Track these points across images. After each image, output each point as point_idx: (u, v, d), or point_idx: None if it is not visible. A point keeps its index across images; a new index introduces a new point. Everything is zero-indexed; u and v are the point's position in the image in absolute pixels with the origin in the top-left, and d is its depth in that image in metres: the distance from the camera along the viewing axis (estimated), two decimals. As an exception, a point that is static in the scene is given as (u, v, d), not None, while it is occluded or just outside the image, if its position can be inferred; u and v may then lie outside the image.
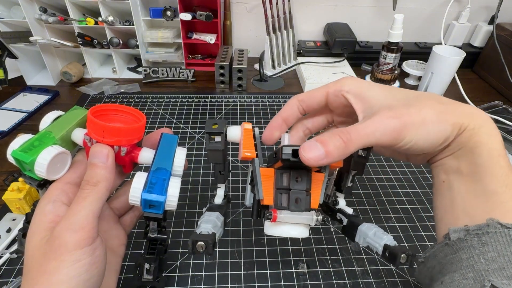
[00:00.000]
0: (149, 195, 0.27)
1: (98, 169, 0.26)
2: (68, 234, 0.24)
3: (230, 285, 0.38)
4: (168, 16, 0.74)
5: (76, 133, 0.29)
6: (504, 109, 0.70)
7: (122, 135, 0.28)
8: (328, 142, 0.24)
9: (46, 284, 0.23)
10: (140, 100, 0.71)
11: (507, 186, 0.25)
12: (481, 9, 0.90)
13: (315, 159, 0.23)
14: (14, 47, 0.68)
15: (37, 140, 0.27)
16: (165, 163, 0.29)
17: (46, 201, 0.26)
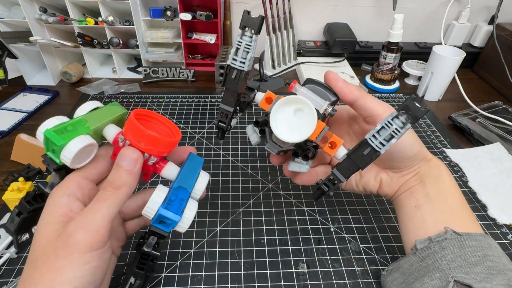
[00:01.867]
0: (166, 211, 0.27)
1: (124, 173, 0.26)
2: (82, 234, 0.23)
3: (230, 285, 0.38)
4: (168, 16, 0.74)
5: (109, 129, 0.29)
6: (504, 109, 0.70)
7: (158, 146, 0.27)
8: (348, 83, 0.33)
9: (51, 280, 0.23)
10: (140, 100, 0.71)
11: (464, 205, 0.34)
12: (481, 9, 0.90)
13: (332, 76, 0.33)
14: (14, 47, 0.68)
15: (72, 125, 0.26)
16: (187, 183, 0.29)
17: (61, 192, 0.26)
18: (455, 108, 0.71)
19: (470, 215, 0.34)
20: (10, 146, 0.53)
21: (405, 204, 0.36)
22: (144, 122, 0.30)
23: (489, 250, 0.31)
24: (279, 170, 0.53)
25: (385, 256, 0.41)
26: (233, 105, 0.33)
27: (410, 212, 0.35)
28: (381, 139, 0.28)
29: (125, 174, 0.26)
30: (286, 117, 0.31)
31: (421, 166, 0.35)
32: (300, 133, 0.29)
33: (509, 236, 0.45)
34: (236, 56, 0.30)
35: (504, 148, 0.57)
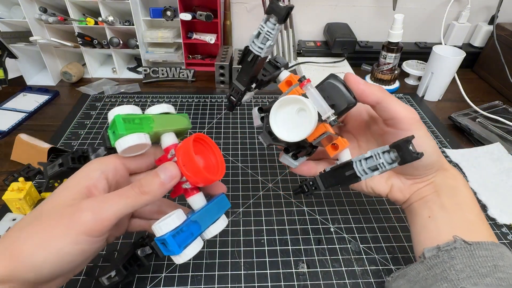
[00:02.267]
0: (171, 240, 0.27)
1: (157, 183, 0.26)
2: (89, 217, 0.24)
3: (230, 285, 0.38)
4: (168, 16, 0.74)
5: (167, 137, 0.30)
6: (504, 109, 0.70)
7: (197, 177, 0.28)
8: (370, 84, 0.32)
9: (41, 241, 0.23)
10: (140, 100, 0.71)
11: (481, 219, 0.33)
12: (481, 9, 0.90)
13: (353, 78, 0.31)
14: (14, 47, 0.68)
15: (140, 119, 0.28)
16: (204, 222, 0.30)
17: (97, 166, 0.27)
18: (455, 108, 0.71)
19: (487, 228, 0.32)
20: (10, 146, 0.53)
21: (418, 213, 0.35)
22: (198, 146, 0.31)
23: (500, 260, 0.29)
24: (279, 170, 0.53)
25: (385, 256, 0.41)
26: (245, 85, 0.33)
27: (423, 222, 0.34)
28: (365, 167, 0.28)
29: (157, 185, 0.26)
30: (287, 114, 0.30)
31: (437, 175, 0.34)
32: (296, 133, 0.29)
33: (509, 236, 0.45)
34: (256, 40, 0.30)
35: (504, 148, 0.57)
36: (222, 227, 0.31)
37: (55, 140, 0.58)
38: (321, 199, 0.49)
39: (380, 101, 0.31)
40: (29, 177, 0.49)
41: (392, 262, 0.41)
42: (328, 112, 0.29)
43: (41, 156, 0.51)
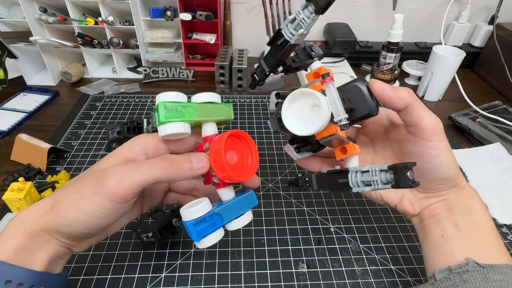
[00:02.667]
0: (192, 228, 0.28)
1: (187, 166, 0.28)
2: (114, 182, 0.25)
3: (230, 285, 0.38)
4: (168, 16, 0.74)
5: (208, 127, 0.31)
6: (504, 109, 0.70)
7: (223, 175, 0.28)
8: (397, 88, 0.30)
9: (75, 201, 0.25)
10: (140, 100, 0.71)
11: (498, 242, 0.31)
12: (481, 9, 0.90)
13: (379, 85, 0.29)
14: (14, 47, 0.68)
15: (183, 107, 0.28)
16: (228, 216, 0.30)
17: (141, 141, 0.28)
18: (455, 108, 0.71)
19: (505, 253, 0.30)
20: (10, 146, 0.53)
21: (430, 231, 0.33)
22: (236, 142, 0.31)
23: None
24: (279, 170, 0.53)
25: (385, 256, 0.41)
26: (270, 67, 0.32)
27: (436, 242, 0.32)
28: (359, 180, 0.28)
29: (187, 168, 0.28)
30: (301, 107, 0.29)
31: (451, 192, 0.33)
32: (304, 128, 0.29)
33: (509, 236, 0.45)
34: (290, 25, 0.29)
35: (504, 148, 0.57)
36: (245, 222, 0.32)
37: (55, 140, 0.58)
38: (321, 199, 0.49)
39: (407, 106, 0.30)
40: (29, 177, 0.49)
41: (392, 262, 0.41)
42: (341, 116, 0.27)
43: (41, 156, 0.51)
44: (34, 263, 0.25)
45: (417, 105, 0.29)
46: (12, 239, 0.25)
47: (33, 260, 0.25)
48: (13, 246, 0.24)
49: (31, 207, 0.26)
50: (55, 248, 0.26)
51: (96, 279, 0.38)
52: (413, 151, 0.31)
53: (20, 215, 0.26)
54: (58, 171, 0.51)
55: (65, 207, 0.25)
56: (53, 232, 0.26)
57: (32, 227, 0.25)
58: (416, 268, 0.40)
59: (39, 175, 0.51)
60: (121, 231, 0.43)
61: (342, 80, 0.77)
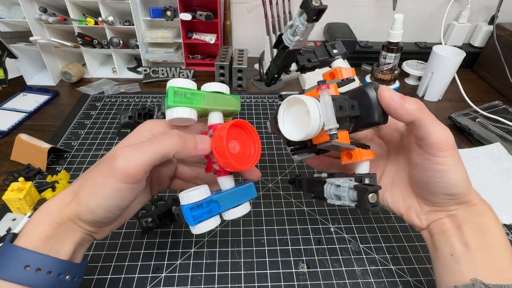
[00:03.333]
0: (188, 212, 0.28)
1: (192, 145, 0.28)
2: (122, 163, 0.25)
3: (230, 285, 0.38)
4: (168, 16, 0.74)
5: (214, 116, 0.32)
6: (504, 109, 0.70)
7: (224, 162, 0.29)
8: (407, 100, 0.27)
9: (93, 188, 0.26)
10: (140, 100, 0.71)
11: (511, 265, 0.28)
12: (481, 9, 0.90)
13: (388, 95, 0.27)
14: (14, 47, 0.68)
15: (191, 94, 0.29)
16: (225, 204, 0.31)
17: (148, 128, 0.30)
18: (455, 108, 0.71)
19: None
20: (10, 146, 0.53)
21: (439, 249, 0.31)
22: (239, 131, 0.32)
23: None
24: (279, 170, 0.53)
25: (385, 256, 0.41)
26: (277, 69, 0.33)
27: (445, 261, 0.31)
28: (332, 193, 0.29)
29: (192, 147, 0.28)
30: (297, 111, 0.29)
31: (460, 209, 0.30)
32: (294, 132, 0.29)
33: (509, 236, 0.45)
34: (289, 30, 0.29)
35: (504, 148, 0.57)
36: (242, 213, 0.32)
37: (55, 140, 0.58)
38: (321, 199, 0.49)
39: (415, 120, 0.28)
40: (29, 177, 0.49)
41: (392, 262, 0.41)
42: (331, 125, 0.26)
43: (41, 156, 0.51)
44: (61, 251, 0.26)
45: (426, 120, 0.28)
46: (39, 228, 0.25)
47: (60, 249, 0.26)
48: (41, 236, 0.25)
49: (55, 197, 0.28)
50: (79, 236, 0.27)
51: (96, 279, 0.38)
52: (419, 163, 0.30)
53: (46, 205, 0.27)
54: (58, 171, 0.51)
55: (85, 195, 0.26)
56: (77, 220, 0.27)
57: (58, 216, 0.26)
58: (416, 268, 0.40)
59: (39, 175, 0.51)
60: (121, 231, 0.43)
61: (342, 80, 0.77)
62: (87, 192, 0.26)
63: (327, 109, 0.26)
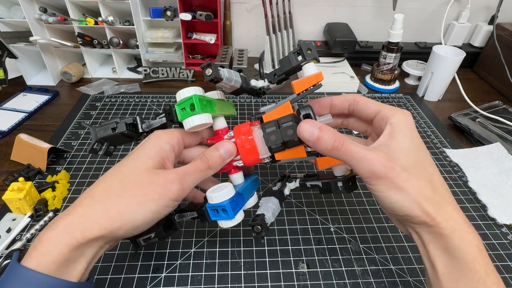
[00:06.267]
0: (229, 207, 0.31)
1: (218, 158, 0.31)
2: (178, 186, 0.29)
3: (230, 285, 0.38)
4: (168, 16, 0.74)
5: (220, 120, 0.34)
6: (504, 109, 0.70)
7: (252, 158, 0.33)
8: (325, 133, 0.27)
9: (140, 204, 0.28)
10: (140, 100, 0.71)
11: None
12: (481, 9, 0.90)
13: (305, 135, 0.28)
14: (14, 47, 0.68)
15: (206, 102, 0.31)
16: (246, 195, 0.35)
17: (167, 140, 0.31)
18: (455, 108, 0.71)
19: None
20: (10, 146, 0.53)
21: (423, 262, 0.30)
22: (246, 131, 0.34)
23: None
24: (279, 170, 0.53)
25: (385, 256, 0.41)
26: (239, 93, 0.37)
27: (426, 279, 0.30)
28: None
29: (219, 159, 0.31)
30: None
31: (421, 228, 0.27)
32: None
33: (509, 236, 0.45)
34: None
35: (504, 148, 0.57)
36: (254, 202, 0.37)
37: (55, 140, 0.58)
38: (321, 199, 0.49)
39: (336, 157, 0.28)
40: (29, 177, 0.49)
41: (392, 262, 0.41)
42: (264, 155, 0.32)
43: (41, 156, 0.51)
44: (73, 273, 0.26)
45: (347, 156, 0.27)
46: (57, 250, 0.25)
47: (73, 270, 0.26)
48: (57, 258, 0.24)
49: (74, 214, 0.27)
50: (94, 253, 0.27)
51: (96, 279, 0.38)
52: None
53: (63, 223, 0.26)
54: (58, 171, 0.51)
55: (131, 211, 0.27)
56: (108, 237, 0.27)
57: (82, 237, 0.26)
58: (416, 268, 0.40)
59: (39, 175, 0.51)
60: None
61: (342, 80, 0.77)
62: (135, 208, 0.27)
63: (258, 143, 0.32)
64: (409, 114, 0.29)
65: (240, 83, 0.35)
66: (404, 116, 0.29)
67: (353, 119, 0.36)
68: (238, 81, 0.34)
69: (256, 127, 0.32)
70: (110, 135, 0.33)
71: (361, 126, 0.35)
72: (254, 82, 0.37)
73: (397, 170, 0.26)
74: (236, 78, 0.34)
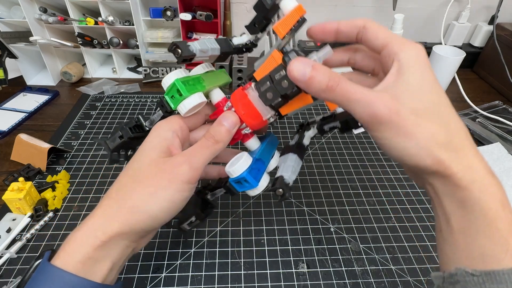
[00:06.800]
0: (249, 176, 0.31)
1: (224, 131, 0.30)
2: (186, 168, 0.28)
3: (230, 285, 0.38)
4: (168, 16, 0.74)
5: (216, 92, 0.33)
6: (504, 109, 0.70)
7: (256, 121, 0.31)
8: (318, 72, 0.23)
9: (153, 194, 0.27)
10: (140, 100, 0.71)
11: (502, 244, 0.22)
12: (481, 9, 0.90)
13: (295, 75, 0.24)
14: (14, 47, 0.68)
15: (193, 81, 0.30)
16: (265, 157, 0.34)
17: (167, 128, 0.30)
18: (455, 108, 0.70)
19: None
20: (10, 146, 0.53)
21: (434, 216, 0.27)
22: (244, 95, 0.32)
23: None
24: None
25: (385, 256, 0.41)
26: None
27: (437, 235, 0.27)
28: None
29: (224, 132, 0.30)
30: None
31: (436, 179, 0.24)
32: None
33: (509, 236, 0.45)
34: None
35: (504, 148, 0.57)
36: (276, 163, 0.35)
37: (55, 140, 0.58)
38: (321, 199, 0.49)
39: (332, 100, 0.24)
40: (29, 177, 0.49)
41: (392, 262, 0.41)
42: (267, 116, 0.31)
43: (41, 156, 0.51)
44: (97, 274, 0.26)
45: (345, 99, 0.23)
46: (82, 249, 0.25)
47: (98, 270, 0.26)
48: (82, 257, 0.25)
49: (93, 217, 0.27)
50: (119, 252, 0.27)
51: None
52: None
53: (87, 225, 0.27)
54: (58, 171, 0.51)
55: (145, 203, 0.27)
56: (128, 232, 0.27)
57: (104, 234, 0.26)
58: (416, 268, 0.40)
59: (39, 175, 0.51)
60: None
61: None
62: (148, 199, 0.27)
63: (257, 105, 0.30)
64: (422, 48, 0.25)
65: (219, 49, 0.32)
66: (415, 51, 0.24)
67: (361, 55, 0.30)
68: (216, 48, 0.32)
69: (250, 89, 0.30)
70: (120, 143, 0.33)
71: (369, 64, 0.30)
72: (238, 40, 0.35)
73: (403, 113, 0.23)
74: (212, 46, 0.32)
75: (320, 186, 0.51)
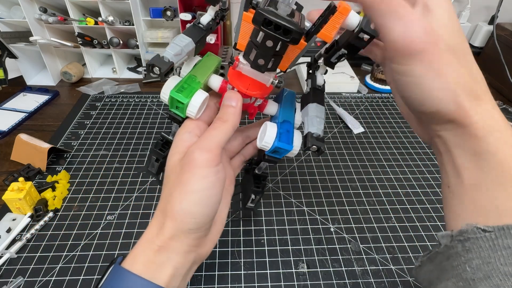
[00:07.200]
0: (282, 143, 0.30)
1: (229, 109, 0.30)
2: (198, 152, 0.27)
3: (230, 285, 0.38)
4: (168, 16, 0.74)
5: (213, 79, 0.33)
6: (504, 109, 0.70)
7: (262, 90, 0.31)
8: None
9: (181, 191, 0.27)
10: (140, 100, 0.71)
11: None
12: (481, 9, 0.90)
13: None
14: (14, 47, 0.68)
15: (186, 82, 0.30)
16: (289, 117, 0.34)
17: (184, 130, 0.30)
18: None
19: None
20: (10, 146, 0.53)
21: (441, 176, 0.26)
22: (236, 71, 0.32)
23: None
24: (279, 170, 0.53)
25: (385, 256, 0.41)
26: None
27: (444, 192, 0.26)
28: None
29: (230, 110, 0.30)
30: None
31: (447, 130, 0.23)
32: None
33: None
34: None
35: (504, 148, 0.57)
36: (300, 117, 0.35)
37: (55, 140, 0.58)
38: (321, 199, 0.49)
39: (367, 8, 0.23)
40: (29, 177, 0.49)
41: (392, 262, 0.41)
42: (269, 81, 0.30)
43: (41, 156, 0.51)
44: (159, 277, 0.26)
45: (380, 9, 0.21)
46: (144, 254, 0.27)
47: (160, 275, 0.27)
48: (145, 260, 0.26)
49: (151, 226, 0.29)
50: (181, 257, 0.27)
51: (96, 279, 0.38)
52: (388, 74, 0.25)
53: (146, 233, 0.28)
54: (58, 171, 0.51)
55: (177, 203, 0.27)
56: (180, 235, 0.27)
57: (158, 239, 0.27)
58: (416, 268, 0.40)
59: (39, 175, 0.51)
60: (121, 231, 0.43)
61: (342, 80, 0.77)
62: (178, 198, 0.27)
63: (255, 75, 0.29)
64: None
65: (191, 41, 0.31)
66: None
67: None
68: (188, 42, 0.31)
69: (240, 63, 0.29)
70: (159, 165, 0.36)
71: None
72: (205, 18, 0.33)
73: (440, 47, 0.21)
74: (184, 42, 0.30)
75: (320, 186, 0.51)
